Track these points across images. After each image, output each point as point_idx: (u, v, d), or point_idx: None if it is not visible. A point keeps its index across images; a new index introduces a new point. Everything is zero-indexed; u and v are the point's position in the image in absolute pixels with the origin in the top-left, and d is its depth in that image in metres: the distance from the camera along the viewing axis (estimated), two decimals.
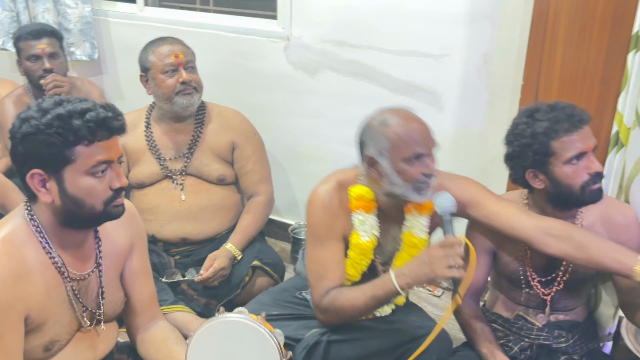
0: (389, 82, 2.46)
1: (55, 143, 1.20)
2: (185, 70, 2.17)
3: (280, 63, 2.68)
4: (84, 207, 1.26)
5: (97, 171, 1.24)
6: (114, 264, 1.47)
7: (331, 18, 2.50)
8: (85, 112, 1.21)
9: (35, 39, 2.56)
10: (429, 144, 1.58)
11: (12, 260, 1.23)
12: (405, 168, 1.56)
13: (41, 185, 1.24)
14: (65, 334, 1.36)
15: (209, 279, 2.13)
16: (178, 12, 2.99)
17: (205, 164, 2.26)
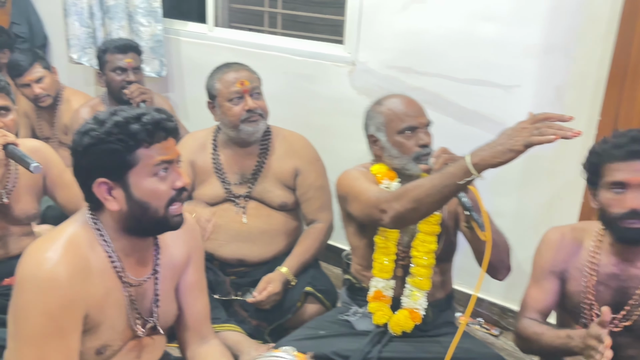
0: (455, 111, 2.41)
1: (118, 149, 1.23)
2: (251, 97, 2.15)
3: (344, 87, 2.67)
4: (149, 210, 1.28)
5: (159, 171, 1.27)
6: (171, 275, 1.47)
7: (399, 44, 2.48)
8: (141, 117, 1.25)
9: (122, 53, 2.71)
10: (421, 119, 1.77)
11: (76, 259, 1.26)
12: (401, 140, 1.75)
13: (108, 194, 1.27)
14: (118, 340, 1.37)
15: (262, 302, 2.11)
16: (246, 34, 3.05)
17: (269, 190, 2.24)
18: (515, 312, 2.44)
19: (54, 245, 1.25)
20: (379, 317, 1.81)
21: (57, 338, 1.22)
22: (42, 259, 1.22)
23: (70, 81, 3.52)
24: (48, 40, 3.76)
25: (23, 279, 1.23)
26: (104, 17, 3.22)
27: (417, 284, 1.80)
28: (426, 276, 1.79)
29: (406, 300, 1.81)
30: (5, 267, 2.04)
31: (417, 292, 1.80)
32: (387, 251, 1.81)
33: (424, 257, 1.77)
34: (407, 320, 1.78)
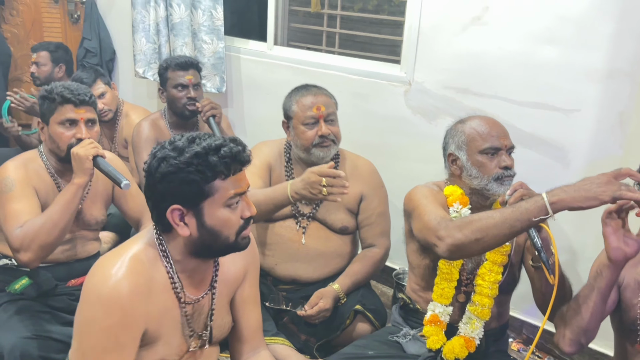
0: (512, 134, 2.34)
1: (196, 180, 1.26)
2: (326, 123, 2.16)
3: (399, 107, 2.68)
4: (219, 238, 1.32)
5: (232, 203, 1.30)
6: (227, 289, 1.51)
7: (456, 65, 2.48)
8: (220, 148, 1.27)
9: (184, 70, 2.79)
10: (505, 141, 1.75)
11: (140, 277, 1.30)
12: (483, 160, 1.73)
13: (180, 219, 1.31)
14: (174, 355, 1.41)
15: (312, 317, 2.13)
16: (304, 52, 3.11)
17: (332, 213, 2.25)
18: None
19: (119, 262, 1.30)
20: (433, 341, 1.79)
21: (115, 353, 1.27)
22: (107, 275, 1.27)
23: (134, 94, 3.68)
24: (116, 55, 3.94)
25: (88, 293, 1.29)
26: (169, 34, 3.35)
27: (478, 313, 1.77)
28: (488, 306, 1.76)
29: (464, 327, 1.78)
30: (72, 269, 2.15)
31: (477, 321, 1.77)
32: (449, 277, 1.78)
33: (489, 287, 1.75)
34: (462, 348, 1.75)
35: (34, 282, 2.06)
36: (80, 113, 1.98)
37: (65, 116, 1.97)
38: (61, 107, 1.96)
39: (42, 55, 3.43)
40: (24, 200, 1.93)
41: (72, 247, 2.14)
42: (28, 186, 1.97)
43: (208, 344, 1.47)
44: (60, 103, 1.96)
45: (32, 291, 2.06)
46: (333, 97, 2.25)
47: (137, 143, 2.80)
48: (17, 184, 1.94)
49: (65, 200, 1.89)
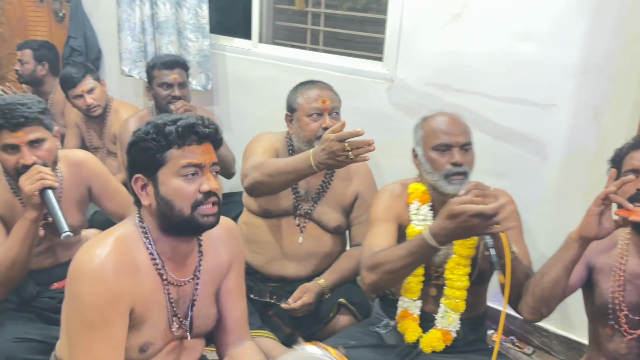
0: (491, 129, 2.43)
1: (150, 147, 1.33)
2: (330, 117, 2.17)
3: (382, 103, 2.72)
4: (174, 209, 1.34)
5: (186, 173, 1.34)
6: (212, 280, 1.54)
7: (437, 62, 2.52)
8: (177, 120, 1.34)
9: (169, 69, 2.80)
10: (457, 138, 1.76)
11: (123, 256, 1.34)
12: (434, 157, 1.77)
13: (142, 189, 1.37)
14: (159, 339, 1.44)
15: (295, 310, 2.16)
16: (289, 50, 3.14)
17: (327, 212, 2.27)
18: (549, 331, 2.43)
19: (104, 243, 1.34)
20: (409, 335, 1.82)
21: (103, 329, 1.31)
22: (92, 255, 1.32)
23: (121, 92, 3.69)
24: (102, 54, 3.95)
25: (74, 273, 1.33)
26: (155, 32, 3.37)
27: (452, 306, 1.80)
28: (461, 298, 1.80)
29: (440, 320, 1.82)
30: (55, 273, 2.12)
31: (452, 313, 1.81)
32: (414, 272, 1.80)
33: (458, 280, 1.78)
34: (438, 341, 1.79)
35: (14, 290, 2.01)
36: (20, 137, 1.81)
37: (4, 142, 1.82)
38: (0, 132, 1.81)
39: (25, 53, 3.45)
40: None
41: (52, 254, 2.11)
42: None
43: (189, 334, 1.50)
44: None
45: (13, 298, 2.04)
46: (338, 95, 2.27)
47: (124, 140, 2.80)
48: None
49: (20, 237, 1.81)
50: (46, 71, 3.51)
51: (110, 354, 1.33)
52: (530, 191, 2.39)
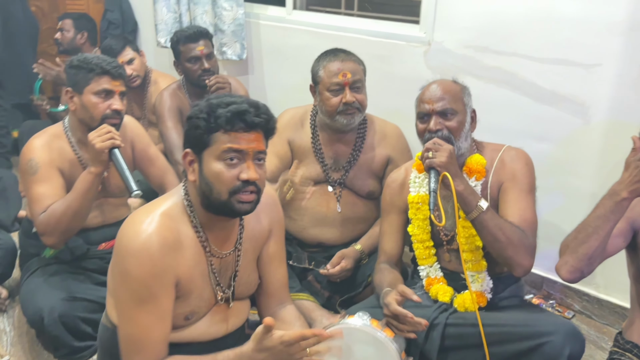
0: (532, 91, 2.37)
1: (200, 126, 1.35)
2: (352, 91, 2.15)
3: (418, 68, 2.68)
4: (212, 192, 1.36)
5: (227, 158, 1.35)
6: (253, 247, 1.57)
7: (475, 24, 2.46)
8: (230, 104, 1.34)
9: (194, 42, 2.78)
10: (433, 105, 1.79)
11: (169, 232, 1.37)
12: (419, 126, 1.84)
13: (190, 164, 1.40)
14: (203, 307, 1.49)
15: (333, 276, 2.19)
16: (323, 16, 3.11)
17: (359, 177, 2.28)
18: (590, 295, 2.41)
19: (149, 218, 1.37)
20: (441, 296, 1.83)
21: (150, 302, 1.35)
22: (138, 231, 1.35)
23: (157, 64, 3.73)
24: (138, 26, 4.00)
25: (121, 249, 1.37)
26: (190, 3, 3.38)
27: (473, 267, 1.81)
28: (478, 259, 1.80)
29: (472, 285, 1.81)
30: (102, 234, 2.24)
31: (478, 274, 1.81)
32: (420, 238, 1.88)
33: (466, 242, 1.79)
34: (472, 303, 1.78)
35: (66, 248, 2.14)
36: (116, 85, 2.03)
37: (102, 87, 2.01)
38: (98, 77, 2.01)
39: (66, 22, 3.51)
40: (47, 184, 1.99)
41: (100, 213, 2.21)
42: (52, 168, 2.02)
43: (232, 301, 1.54)
44: (97, 74, 2.00)
45: (65, 256, 2.16)
46: (362, 64, 2.23)
47: (161, 112, 2.87)
48: (41, 167, 2.00)
49: (82, 188, 1.94)
50: (85, 40, 3.57)
51: (157, 325, 1.38)
52: (572, 154, 2.33)
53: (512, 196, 1.76)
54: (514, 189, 1.77)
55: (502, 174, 1.81)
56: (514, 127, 2.43)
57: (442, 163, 1.66)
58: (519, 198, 1.75)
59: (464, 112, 1.81)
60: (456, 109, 1.79)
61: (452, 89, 1.83)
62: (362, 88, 2.21)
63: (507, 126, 2.45)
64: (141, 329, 1.36)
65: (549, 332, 1.58)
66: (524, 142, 2.42)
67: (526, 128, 2.41)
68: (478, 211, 1.66)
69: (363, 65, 2.24)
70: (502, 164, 1.82)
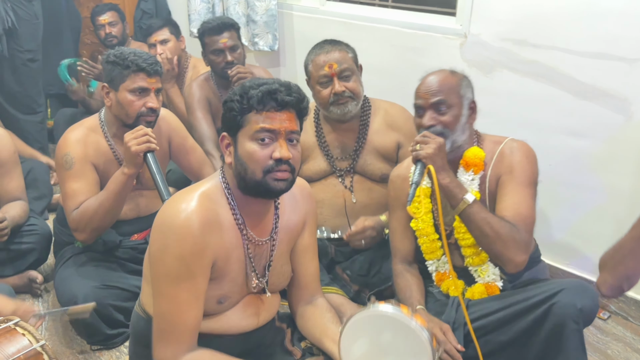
0: (571, 85, 2.31)
1: (234, 108, 1.37)
2: (340, 80, 2.15)
3: (454, 60, 2.63)
4: (247, 171, 1.37)
5: (259, 137, 1.36)
6: (287, 238, 1.57)
7: (513, 16, 2.41)
8: (262, 85, 1.36)
9: (217, 34, 2.76)
10: (428, 99, 1.74)
11: (208, 212, 1.39)
12: (416, 120, 1.80)
13: (226, 148, 1.42)
14: (236, 293, 1.49)
15: (357, 236, 2.15)
16: (357, 7, 3.08)
17: (370, 162, 2.27)
18: (627, 296, 2.35)
19: (189, 197, 1.39)
20: (453, 291, 1.81)
21: (187, 280, 1.36)
22: (178, 209, 1.36)
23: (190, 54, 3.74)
24: (171, 16, 4.01)
25: (161, 226, 1.38)
26: None
27: (474, 261, 1.79)
28: (478, 251, 1.77)
29: (479, 279, 1.80)
30: (136, 226, 2.27)
31: (480, 267, 1.79)
32: (425, 232, 1.85)
33: (463, 237, 1.78)
34: (483, 294, 1.77)
35: (99, 239, 2.17)
36: (152, 82, 2.03)
37: (137, 84, 2.00)
38: (134, 75, 2.00)
39: (113, 15, 3.50)
40: (81, 180, 2.02)
41: (135, 205, 2.23)
42: (86, 163, 2.05)
43: (266, 290, 1.55)
44: (133, 71, 1.99)
45: (97, 247, 2.19)
46: (351, 51, 2.22)
47: (190, 103, 2.89)
48: (76, 162, 2.02)
49: (115, 189, 1.96)
50: (128, 29, 3.61)
51: (193, 303, 1.39)
52: (612, 151, 2.27)
53: (508, 189, 1.72)
54: (511, 182, 1.73)
55: (500, 167, 1.77)
56: (551, 123, 2.38)
57: (428, 155, 1.64)
58: (515, 191, 1.71)
59: (459, 105, 1.76)
60: (451, 102, 1.74)
61: (448, 82, 1.77)
62: (353, 76, 2.19)
63: (544, 122, 2.39)
64: (175, 307, 1.37)
65: (555, 292, 1.58)
66: (562, 138, 2.37)
67: (564, 124, 2.35)
68: (464, 204, 1.64)
69: (352, 53, 2.22)
70: (501, 157, 1.78)
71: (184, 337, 1.39)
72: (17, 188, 2.33)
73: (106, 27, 3.49)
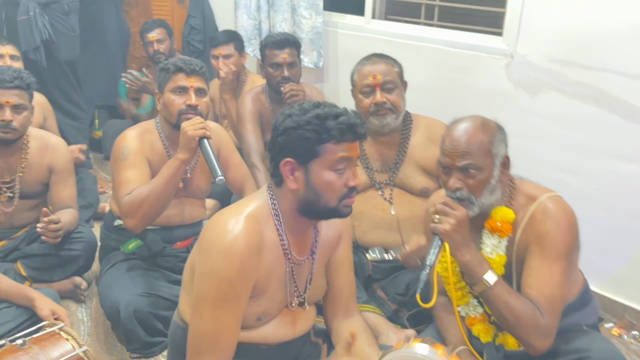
0: (621, 108, 2.25)
1: (310, 138, 1.38)
2: (383, 91, 2.16)
3: (499, 80, 2.61)
4: (321, 199, 1.41)
5: (338, 167, 1.39)
6: (324, 253, 1.58)
7: (562, 37, 2.37)
8: (339, 116, 1.38)
9: (279, 48, 2.83)
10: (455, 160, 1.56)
11: (255, 234, 1.41)
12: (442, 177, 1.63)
13: (291, 173, 1.42)
14: (275, 310, 1.51)
15: (411, 255, 2.09)
16: (402, 26, 3.08)
17: (410, 176, 2.26)
18: None
19: (236, 219, 1.41)
20: (484, 337, 1.69)
21: (231, 301, 1.39)
22: (225, 230, 1.39)
23: None
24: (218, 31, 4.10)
25: (208, 246, 1.41)
26: (270, 10, 3.44)
27: None
28: None
29: None
30: (179, 233, 2.31)
31: None
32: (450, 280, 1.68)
33: None
34: (515, 344, 1.63)
35: (144, 244, 2.23)
36: (191, 81, 2.09)
37: (177, 84, 2.09)
38: (174, 75, 2.09)
39: (161, 32, 3.59)
40: (135, 169, 2.09)
41: (180, 212, 2.28)
42: (141, 156, 2.12)
43: (305, 304, 1.56)
44: (173, 72, 2.09)
45: (143, 252, 2.24)
46: (397, 66, 2.22)
47: (242, 115, 2.94)
48: (132, 153, 2.10)
49: (168, 174, 2.00)
50: (175, 44, 3.70)
51: (234, 324, 1.41)
52: None
53: (536, 263, 1.55)
54: (539, 254, 1.55)
55: (530, 233, 1.58)
56: (600, 146, 2.32)
57: (446, 232, 1.51)
58: (542, 267, 1.54)
59: (490, 165, 1.55)
60: (480, 164, 1.54)
61: (478, 140, 1.55)
62: (396, 89, 2.19)
63: (592, 145, 2.34)
64: (217, 328, 1.39)
65: (585, 348, 1.51)
66: (610, 162, 2.31)
67: (614, 148, 2.29)
68: (483, 286, 1.51)
69: (398, 68, 2.23)
70: (532, 222, 1.58)
71: (222, 353, 1.41)
72: (69, 196, 2.41)
73: (154, 44, 3.58)
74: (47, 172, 2.36)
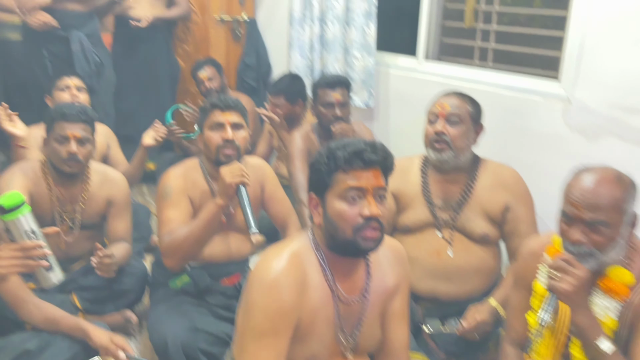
0: None
1: (321, 170, 1.40)
2: (447, 123, 2.13)
3: (556, 125, 2.55)
4: (338, 231, 1.40)
5: (348, 196, 1.38)
6: (379, 301, 1.55)
7: (624, 82, 2.31)
8: (348, 146, 1.39)
9: (331, 88, 2.89)
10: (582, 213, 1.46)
11: (298, 271, 1.42)
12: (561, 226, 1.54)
13: (315, 208, 1.45)
14: (325, 354, 1.49)
15: (470, 332, 2.07)
16: (455, 67, 3.08)
17: (471, 219, 2.19)
18: None
19: (281, 256, 1.43)
20: None
21: (271, 337, 1.38)
22: (269, 267, 1.41)
23: None
24: (271, 70, 4.20)
25: (252, 282, 1.43)
26: (322, 50, 3.50)
27: None
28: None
29: None
30: (226, 269, 2.33)
31: None
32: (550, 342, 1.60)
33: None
34: None
35: (191, 281, 2.25)
36: (226, 116, 2.16)
37: (213, 120, 2.17)
38: (210, 113, 2.18)
39: (211, 70, 3.72)
40: (177, 208, 2.15)
41: (226, 247, 2.30)
42: (183, 195, 2.18)
43: (352, 352, 1.52)
44: (209, 109, 2.18)
45: (190, 288, 2.26)
46: (472, 106, 2.19)
47: (292, 152, 2.98)
48: (174, 192, 2.17)
49: (206, 219, 2.06)
50: (225, 79, 3.81)
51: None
52: None
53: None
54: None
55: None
56: None
57: (566, 292, 1.43)
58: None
59: (619, 223, 1.44)
60: (610, 221, 1.43)
61: (611, 195, 1.43)
62: (461, 124, 2.14)
63: None
64: None
65: None
66: None
67: None
68: (597, 353, 1.42)
69: (473, 108, 2.19)
70: None
71: None
72: (125, 230, 2.48)
73: (206, 82, 3.70)
74: (105, 205, 2.44)
